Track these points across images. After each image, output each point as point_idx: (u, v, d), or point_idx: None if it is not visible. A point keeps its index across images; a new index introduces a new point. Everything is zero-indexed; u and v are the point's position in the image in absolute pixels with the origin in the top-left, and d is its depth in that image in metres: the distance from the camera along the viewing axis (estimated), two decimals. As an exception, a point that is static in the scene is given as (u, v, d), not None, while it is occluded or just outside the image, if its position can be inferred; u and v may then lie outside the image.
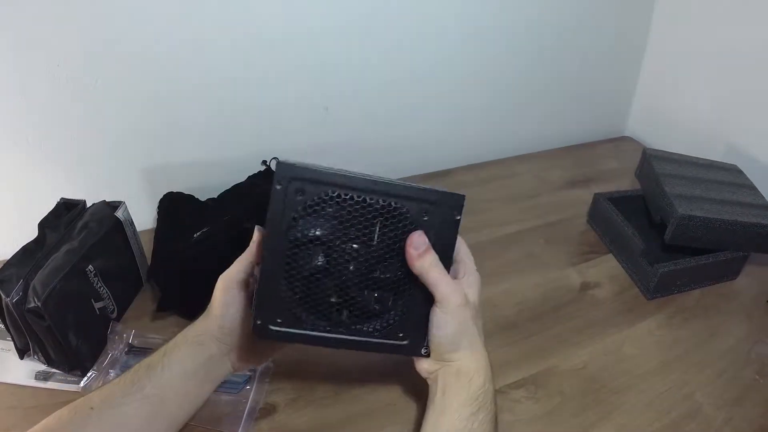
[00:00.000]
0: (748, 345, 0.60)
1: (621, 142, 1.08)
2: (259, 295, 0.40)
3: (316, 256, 0.40)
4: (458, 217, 0.41)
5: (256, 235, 0.44)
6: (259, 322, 0.40)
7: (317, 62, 0.76)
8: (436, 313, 0.43)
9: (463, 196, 0.41)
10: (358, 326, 0.42)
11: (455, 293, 0.42)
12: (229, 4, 0.66)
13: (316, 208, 0.39)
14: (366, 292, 0.41)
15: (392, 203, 0.40)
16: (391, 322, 0.42)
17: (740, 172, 0.78)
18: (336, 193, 0.39)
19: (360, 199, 0.39)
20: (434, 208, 0.41)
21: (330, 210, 0.39)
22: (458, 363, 0.43)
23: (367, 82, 0.81)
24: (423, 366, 0.46)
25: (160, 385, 0.42)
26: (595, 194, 0.78)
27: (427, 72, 0.84)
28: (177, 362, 0.43)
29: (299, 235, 0.39)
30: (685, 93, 0.96)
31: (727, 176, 0.75)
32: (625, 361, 0.57)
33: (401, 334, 0.43)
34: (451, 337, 0.43)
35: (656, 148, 0.83)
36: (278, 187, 0.38)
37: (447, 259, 0.42)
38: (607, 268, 0.71)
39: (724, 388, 0.55)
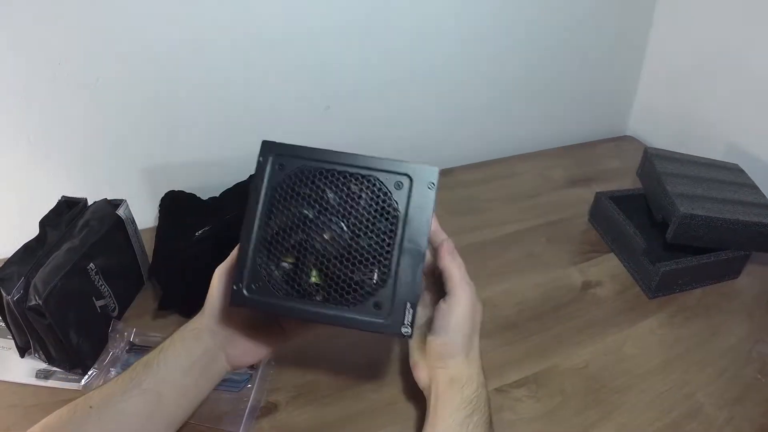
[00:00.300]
0: (749, 344, 0.60)
1: (622, 141, 1.08)
2: (238, 262, 0.41)
3: (294, 227, 0.41)
4: (432, 189, 0.42)
5: None
6: (234, 288, 0.40)
7: (318, 62, 0.76)
8: (442, 314, 0.43)
9: (436, 168, 0.42)
10: (335, 299, 0.41)
11: (469, 300, 0.44)
12: (230, 4, 0.67)
13: (295, 179, 0.41)
14: (344, 265, 0.41)
15: (369, 175, 0.41)
16: (369, 296, 0.41)
17: (741, 171, 0.78)
18: (313, 166, 0.41)
19: (337, 171, 0.41)
20: (408, 180, 0.42)
21: (308, 182, 0.41)
22: (452, 370, 0.44)
23: (368, 81, 0.81)
24: (420, 375, 0.47)
25: (156, 381, 0.42)
26: (597, 193, 0.78)
27: (428, 71, 0.85)
28: (172, 358, 0.43)
29: (279, 205, 0.41)
30: (686, 92, 0.97)
31: (728, 175, 0.75)
32: (626, 361, 0.58)
33: (380, 311, 0.41)
34: (450, 345, 0.44)
35: (658, 146, 0.83)
36: (260, 159, 0.41)
37: (422, 235, 0.41)
38: (608, 267, 0.71)
39: (725, 387, 0.55)
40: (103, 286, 0.56)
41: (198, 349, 0.45)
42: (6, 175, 0.67)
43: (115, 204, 0.60)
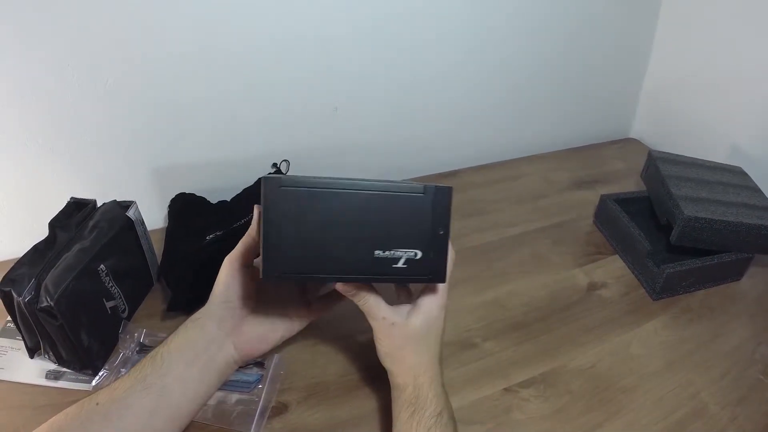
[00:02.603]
0: (752, 345, 0.62)
1: (626, 143, 1.11)
2: (265, 241, 0.41)
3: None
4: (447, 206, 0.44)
5: (255, 213, 0.47)
6: (268, 263, 0.41)
7: (326, 65, 0.77)
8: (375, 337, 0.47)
9: (450, 188, 0.44)
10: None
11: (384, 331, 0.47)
12: (239, 10, 0.68)
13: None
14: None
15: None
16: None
17: (745, 173, 0.80)
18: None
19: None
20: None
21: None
22: (391, 378, 0.48)
23: (376, 84, 0.83)
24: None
25: (161, 374, 0.43)
26: (602, 196, 0.81)
27: (435, 75, 0.87)
28: (176, 350, 0.45)
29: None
30: (690, 95, 0.99)
31: (732, 178, 0.78)
32: (632, 361, 0.60)
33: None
34: (382, 357, 0.48)
35: (661, 149, 0.85)
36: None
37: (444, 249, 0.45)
38: (613, 269, 0.73)
39: (728, 387, 0.57)
40: (113, 288, 0.57)
41: (202, 340, 0.46)
42: (15, 177, 0.68)
43: (125, 205, 0.61)
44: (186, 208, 0.69)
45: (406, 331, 0.46)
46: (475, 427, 0.52)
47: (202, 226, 0.66)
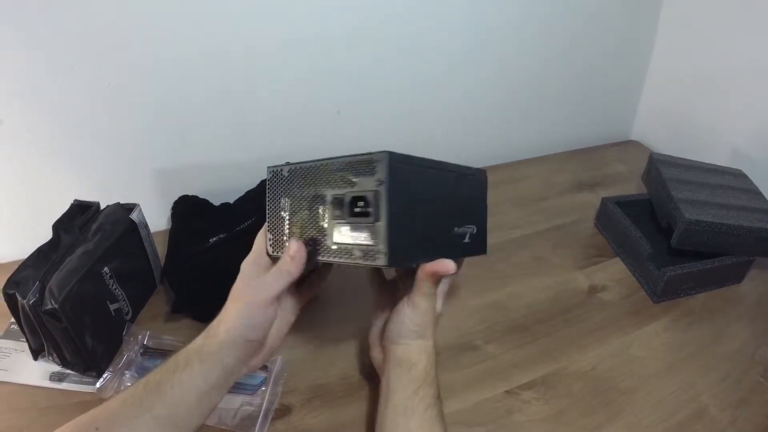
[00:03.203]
0: (752, 348, 0.63)
1: (627, 145, 1.11)
2: (392, 223, 0.38)
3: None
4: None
5: (295, 247, 0.43)
6: (394, 255, 0.39)
7: (329, 68, 0.78)
8: (404, 311, 0.48)
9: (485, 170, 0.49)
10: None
11: (431, 309, 0.48)
12: (242, 13, 0.69)
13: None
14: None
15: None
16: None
17: (745, 176, 0.81)
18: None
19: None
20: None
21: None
22: (402, 353, 0.48)
23: (378, 87, 0.84)
24: (375, 354, 0.52)
25: (171, 404, 0.41)
26: (603, 198, 0.81)
27: (437, 77, 0.88)
28: (189, 381, 0.41)
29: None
30: (691, 97, 1.00)
31: (732, 181, 0.79)
32: (633, 363, 0.60)
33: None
34: (405, 332, 0.48)
35: (662, 151, 0.86)
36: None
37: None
38: (614, 272, 0.74)
39: (729, 389, 0.58)
40: (117, 290, 0.58)
41: (216, 373, 0.42)
42: (18, 179, 0.69)
43: (128, 208, 0.62)
44: (189, 211, 0.70)
45: (435, 309, 0.48)
46: (476, 429, 0.53)
47: (205, 229, 0.67)
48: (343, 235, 0.41)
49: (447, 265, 0.44)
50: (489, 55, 0.90)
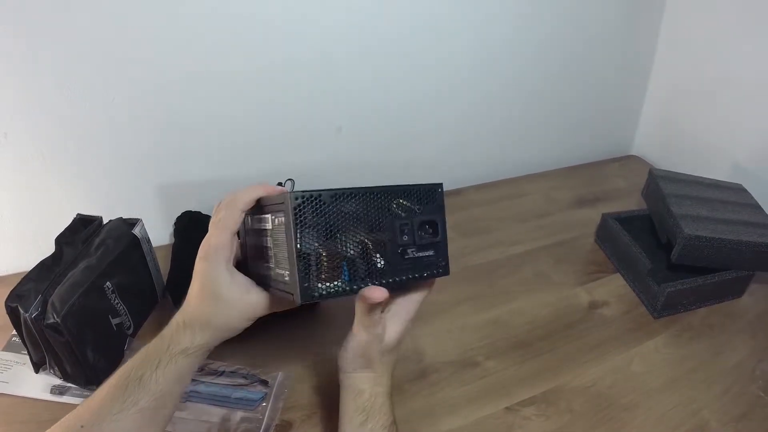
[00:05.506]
0: (752, 362, 0.64)
1: (628, 160, 1.14)
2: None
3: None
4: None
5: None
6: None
7: (331, 84, 0.81)
8: (349, 340, 0.47)
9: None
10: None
11: (374, 340, 0.46)
12: (248, 30, 0.72)
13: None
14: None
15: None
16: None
17: (745, 191, 0.83)
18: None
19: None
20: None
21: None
22: (348, 380, 0.48)
23: (380, 104, 0.87)
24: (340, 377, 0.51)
25: (156, 397, 0.42)
26: (603, 214, 0.83)
27: (438, 94, 0.91)
28: (174, 374, 0.43)
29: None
30: (691, 112, 1.03)
31: (732, 195, 0.81)
32: (633, 379, 0.62)
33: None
34: (350, 361, 0.47)
35: (662, 166, 0.88)
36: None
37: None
38: (614, 288, 0.76)
39: (730, 404, 0.59)
40: (119, 304, 0.60)
41: (199, 362, 0.45)
42: (22, 192, 0.71)
43: (131, 223, 0.64)
44: (191, 226, 0.72)
45: (379, 340, 0.46)
46: (478, 445, 0.54)
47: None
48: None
49: (373, 292, 0.41)
50: (490, 71, 0.93)
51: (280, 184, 0.77)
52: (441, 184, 0.47)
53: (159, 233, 0.78)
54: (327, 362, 0.61)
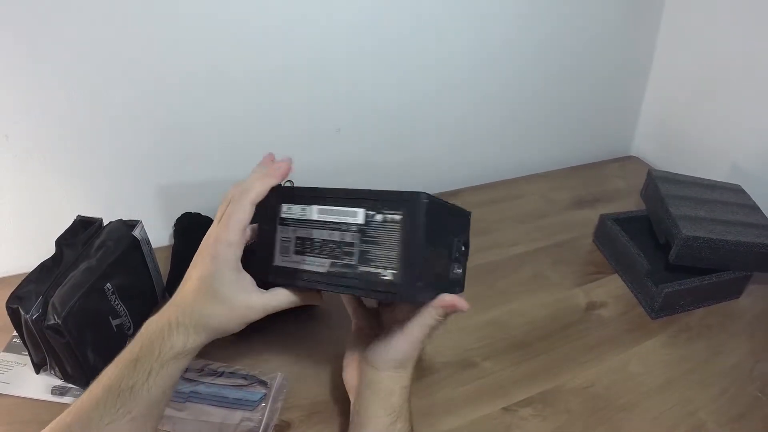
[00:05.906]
0: (750, 363, 0.65)
1: (627, 161, 1.15)
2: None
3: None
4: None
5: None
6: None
7: (330, 86, 0.82)
8: (395, 337, 0.47)
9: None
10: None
11: (422, 342, 0.47)
12: (248, 32, 0.72)
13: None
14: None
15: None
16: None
17: (743, 191, 0.84)
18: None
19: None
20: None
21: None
22: (379, 379, 0.47)
23: (379, 105, 0.87)
24: (350, 374, 0.51)
25: (148, 404, 0.41)
26: (601, 215, 0.84)
27: (437, 95, 0.91)
28: (169, 381, 0.42)
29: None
30: (690, 113, 1.03)
31: (730, 196, 0.81)
32: (631, 380, 0.62)
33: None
34: (389, 359, 0.47)
35: (661, 166, 0.88)
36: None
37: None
38: (612, 288, 0.77)
39: (727, 405, 0.60)
40: (119, 306, 0.60)
41: (189, 362, 0.44)
42: (22, 193, 0.71)
43: (131, 225, 0.64)
44: (192, 228, 0.72)
45: (424, 343, 0.47)
46: (475, 445, 0.55)
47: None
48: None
49: (462, 302, 0.44)
50: (490, 71, 0.93)
51: (279, 185, 0.77)
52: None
53: (159, 234, 0.78)
54: (326, 362, 0.62)
